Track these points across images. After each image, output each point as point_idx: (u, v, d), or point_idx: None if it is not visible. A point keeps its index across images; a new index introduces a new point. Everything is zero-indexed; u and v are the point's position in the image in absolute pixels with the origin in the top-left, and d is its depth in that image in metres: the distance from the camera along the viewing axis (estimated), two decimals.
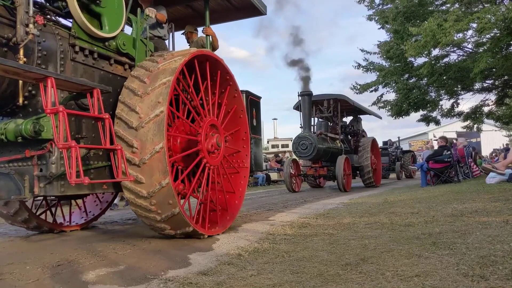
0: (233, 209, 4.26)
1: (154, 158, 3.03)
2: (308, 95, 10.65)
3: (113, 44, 3.45)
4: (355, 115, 13.69)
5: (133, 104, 3.18)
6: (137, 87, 3.26)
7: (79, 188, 3.04)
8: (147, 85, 3.23)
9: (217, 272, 2.34)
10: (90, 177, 3.07)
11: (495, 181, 7.60)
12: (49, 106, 2.49)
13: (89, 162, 3.15)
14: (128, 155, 3.09)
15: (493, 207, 4.23)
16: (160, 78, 3.24)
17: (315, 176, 11.46)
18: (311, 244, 3.04)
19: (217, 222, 3.89)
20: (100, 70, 3.36)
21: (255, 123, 5.33)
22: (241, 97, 4.46)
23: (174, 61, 3.39)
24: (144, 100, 3.17)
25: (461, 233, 2.96)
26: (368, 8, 15.96)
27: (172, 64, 3.36)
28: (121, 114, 3.20)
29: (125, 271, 2.47)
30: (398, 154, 18.45)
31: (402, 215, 4.33)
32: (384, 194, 8.26)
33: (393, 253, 2.52)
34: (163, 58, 3.47)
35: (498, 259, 2.12)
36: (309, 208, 6.02)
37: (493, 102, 16.88)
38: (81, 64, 3.17)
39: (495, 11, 10.27)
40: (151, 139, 3.06)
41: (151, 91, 3.18)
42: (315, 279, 2.09)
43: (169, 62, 3.38)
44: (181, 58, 3.42)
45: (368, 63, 16.73)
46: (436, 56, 14.53)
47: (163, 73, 3.29)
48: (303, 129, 10.57)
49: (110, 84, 3.35)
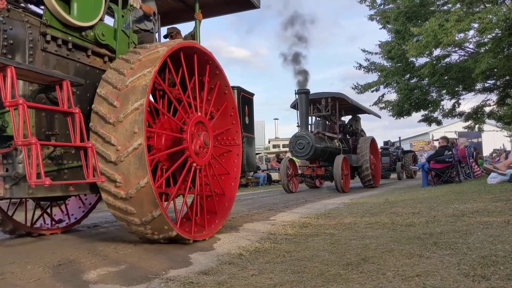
0: (222, 211, 3.99)
1: (133, 155, 2.80)
2: (305, 93, 10.40)
3: (91, 34, 3.20)
4: (354, 114, 13.47)
5: (111, 98, 2.95)
6: (116, 81, 3.01)
7: (51, 189, 2.80)
8: (127, 79, 2.99)
9: (218, 272, 2.34)
10: (64, 178, 2.88)
11: (496, 181, 7.60)
12: (8, 98, 2.27)
13: (62, 162, 2.92)
14: (104, 150, 2.86)
15: (494, 207, 4.22)
16: (141, 70, 3.00)
17: (312, 176, 11.25)
18: (312, 244, 3.04)
19: (205, 226, 3.65)
20: (75, 62, 3.10)
21: (247, 121, 5.04)
22: (232, 93, 4.21)
23: (157, 52, 3.14)
24: (121, 93, 2.94)
25: (462, 233, 2.96)
26: (370, 8, 15.97)
27: (154, 55, 3.12)
28: (98, 109, 2.95)
29: (126, 270, 2.48)
30: (399, 154, 18.43)
31: (403, 215, 4.32)
32: (385, 194, 8.25)
33: (394, 253, 2.52)
34: (146, 50, 3.24)
35: (499, 259, 2.12)
36: (310, 208, 6.02)
37: (495, 102, 16.87)
38: (54, 54, 2.91)
39: (497, 11, 10.26)
40: (129, 135, 2.83)
41: (131, 84, 2.95)
42: (316, 279, 2.09)
43: (152, 53, 3.15)
44: (164, 49, 3.17)
45: (370, 63, 16.73)
46: (438, 56, 14.53)
47: (144, 65, 3.06)
48: (300, 128, 10.34)
49: (87, 77, 3.14)
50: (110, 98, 2.94)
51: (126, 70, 3.05)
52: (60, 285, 2.22)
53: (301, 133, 10.04)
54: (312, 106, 11.19)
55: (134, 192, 2.82)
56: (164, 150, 3.44)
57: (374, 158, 12.04)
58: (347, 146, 11.91)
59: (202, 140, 3.51)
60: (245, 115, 4.98)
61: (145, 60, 3.10)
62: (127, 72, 3.02)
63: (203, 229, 3.61)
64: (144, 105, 2.84)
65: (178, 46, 3.33)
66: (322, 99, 11.05)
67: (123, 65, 3.12)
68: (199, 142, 3.48)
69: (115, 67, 3.12)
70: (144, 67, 3.03)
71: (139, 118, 2.83)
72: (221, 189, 4.06)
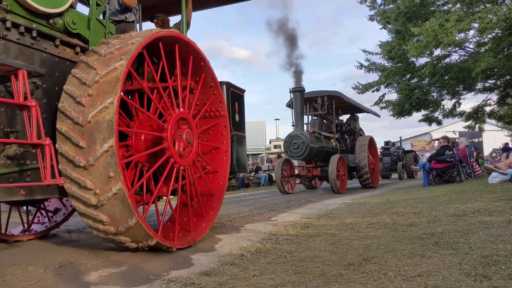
0: (210, 213, 3.72)
1: (103, 158, 2.54)
2: (300, 91, 9.96)
3: (60, 22, 2.92)
4: (352, 113, 13.16)
5: (79, 95, 2.67)
6: (85, 76, 2.73)
7: (11, 193, 2.55)
8: (97, 75, 2.70)
9: (220, 273, 2.34)
10: (26, 180, 2.62)
11: (497, 180, 7.59)
12: None
13: (24, 162, 2.65)
14: (72, 154, 2.58)
15: (495, 207, 4.22)
16: (112, 64, 2.72)
17: (308, 176, 10.95)
18: (314, 244, 3.04)
19: (190, 230, 3.39)
20: (41, 52, 2.82)
21: (237, 119, 4.66)
22: (219, 86, 3.90)
23: (132, 44, 2.85)
24: (93, 86, 2.68)
25: (463, 233, 2.96)
26: (370, 9, 15.98)
27: (128, 47, 2.83)
28: (65, 108, 2.67)
29: (127, 271, 2.48)
30: (400, 154, 18.44)
31: (404, 215, 4.32)
32: (387, 194, 8.25)
33: (396, 253, 2.52)
34: (120, 40, 2.96)
35: (500, 259, 2.12)
36: (311, 208, 6.02)
37: (495, 102, 16.87)
38: (15, 43, 2.63)
39: (497, 11, 10.27)
40: (100, 138, 2.55)
41: (101, 78, 2.69)
42: (318, 279, 2.09)
43: (125, 44, 2.86)
44: (139, 40, 2.86)
45: (370, 63, 16.74)
46: (438, 56, 14.54)
47: (117, 58, 2.76)
48: (295, 127, 9.92)
49: (55, 69, 2.87)
50: (78, 96, 2.66)
51: (96, 64, 2.76)
52: (61, 286, 2.22)
53: (296, 132, 9.70)
54: (308, 105, 10.88)
55: (106, 200, 2.54)
56: (145, 150, 3.16)
57: (373, 158, 11.79)
58: (345, 145, 11.60)
59: (185, 139, 3.22)
60: (235, 112, 4.61)
61: (118, 53, 2.80)
62: (98, 66, 2.73)
63: (188, 234, 3.35)
64: (116, 98, 2.57)
65: (155, 36, 3.02)
66: (318, 97, 10.74)
67: (93, 59, 2.82)
68: (182, 143, 3.20)
69: (85, 60, 2.83)
70: (116, 60, 2.73)
71: (110, 121, 2.56)
72: (208, 189, 3.76)
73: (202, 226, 3.55)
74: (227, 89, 4.42)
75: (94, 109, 2.58)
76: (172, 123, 3.13)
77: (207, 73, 3.75)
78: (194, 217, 3.56)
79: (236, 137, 4.46)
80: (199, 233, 3.41)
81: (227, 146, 3.99)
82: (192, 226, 3.44)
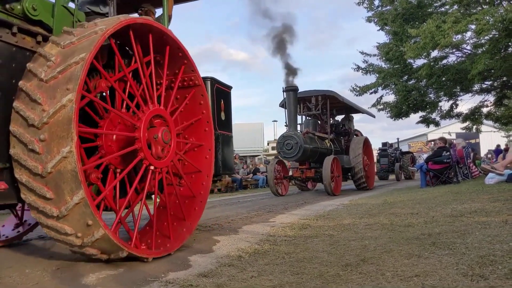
0: (191, 218, 3.37)
1: (62, 165, 2.25)
2: (293, 90, 9.59)
3: (18, 7, 2.66)
4: (347, 114, 12.73)
5: (34, 93, 2.36)
6: (31, 114, 2.34)
7: None
8: (54, 69, 2.38)
9: (218, 274, 2.34)
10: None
11: (494, 181, 7.62)
12: None
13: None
14: (29, 162, 2.30)
15: (492, 207, 4.24)
16: (73, 56, 2.38)
17: (302, 178, 10.52)
18: (312, 245, 3.04)
19: (170, 237, 3.06)
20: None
21: (223, 117, 4.31)
22: (200, 79, 3.54)
23: (94, 33, 2.50)
24: (44, 86, 2.38)
25: (460, 233, 2.97)
26: (368, 10, 16.05)
27: (91, 37, 2.49)
28: (19, 156, 2.34)
29: (124, 273, 2.47)
30: (397, 155, 18.49)
31: (401, 216, 4.33)
32: (384, 195, 8.26)
33: (393, 253, 2.53)
34: (83, 29, 2.62)
35: (497, 259, 2.13)
36: (309, 210, 6.02)
37: (492, 103, 16.96)
38: None
39: (494, 13, 10.32)
40: (68, 189, 2.26)
41: (59, 74, 2.37)
42: (316, 280, 2.09)
43: (88, 33, 2.51)
44: (103, 29, 2.50)
45: (368, 65, 16.81)
46: (435, 57, 14.60)
47: (78, 50, 2.43)
48: (288, 127, 9.59)
49: (13, 60, 2.57)
50: (29, 143, 2.32)
51: (54, 57, 2.44)
52: None
53: (289, 132, 9.38)
54: (302, 105, 10.60)
55: (67, 210, 2.28)
56: (118, 151, 2.83)
57: (368, 159, 11.48)
58: (339, 146, 11.24)
59: (161, 138, 2.87)
60: (220, 110, 4.27)
61: (78, 44, 2.47)
62: (43, 99, 2.34)
63: (167, 241, 3.04)
64: (74, 144, 2.23)
65: (123, 23, 2.66)
66: (312, 97, 10.42)
67: (51, 51, 2.50)
68: (158, 144, 2.87)
69: (43, 53, 2.51)
70: (77, 52, 2.40)
71: (69, 117, 2.24)
72: (190, 190, 3.44)
73: (183, 231, 3.22)
74: (211, 85, 4.10)
75: (52, 159, 2.25)
76: (146, 121, 2.79)
77: (187, 66, 3.39)
78: (174, 221, 3.27)
79: (221, 137, 4.17)
80: (179, 239, 3.08)
81: (210, 143, 3.65)
82: (172, 231, 3.10)
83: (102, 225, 2.34)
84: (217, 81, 4.24)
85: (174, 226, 3.22)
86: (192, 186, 3.47)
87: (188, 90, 3.54)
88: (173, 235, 3.09)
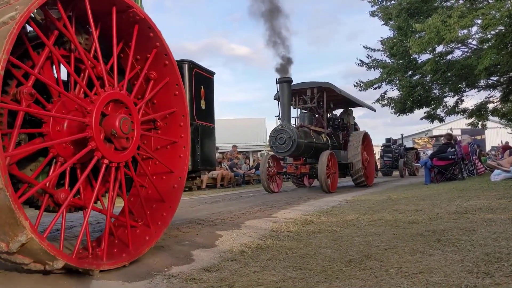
0: (158, 225, 2.87)
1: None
2: (286, 82, 9.03)
3: None
4: (346, 107, 12.01)
5: None
6: None
7: None
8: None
9: (220, 268, 2.34)
10: None
11: (500, 178, 7.57)
12: None
13: None
14: None
15: (498, 204, 4.21)
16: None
17: (296, 174, 10.00)
18: (315, 241, 3.03)
19: (128, 245, 2.59)
20: None
21: (204, 106, 3.83)
22: (175, 65, 3.01)
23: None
24: None
25: (465, 230, 2.95)
26: (372, 5, 15.92)
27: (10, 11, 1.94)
28: None
29: (128, 267, 2.47)
30: (401, 151, 18.41)
31: (405, 212, 4.31)
32: (388, 191, 8.24)
33: (397, 250, 2.51)
34: None
35: (503, 256, 2.11)
36: (312, 205, 6.02)
37: (498, 99, 16.82)
38: None
39: (500, 7, 10.19)
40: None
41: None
42: (319, 276, 2.08)
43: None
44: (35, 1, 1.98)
45: (372, 60, 16.70)
46: (440, 53, 14.48)
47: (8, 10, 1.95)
48: (282, 121, 9.00)
49: None
50: None
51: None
52: (62, 281, 2.22)
53: (282, 126, 8.81)
54: (298, 98, 9.94)
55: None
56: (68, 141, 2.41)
57: (368, 155, 10.96)
58: (337, 141, 10.56)
59: (119, 127, 2.41)
60: (200, 98, 3.80)
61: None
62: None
63: (125, 250, 2.59)
64: None
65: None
66: (308, 89, 9.75)
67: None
68: (118, 136, 2.41)
69: None
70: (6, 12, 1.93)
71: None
72: (158, 193, 2.94)
73: (146, 239, 2.75)
74: (189, 69, 3.60)
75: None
76: (99, 105, 2.35)
77: (160, 48, 2.87)
78: (138, 228, 2.85)
79: (201, 128, 3.70)
80: (140, 249, 2.61)
81: (185, 140, 3.14)
82: (131, 239, 2.64)
83: (27, 225, 1.87)
84: (196, 65, 3.72)
85: (136, 233, 2.79)
86: (161, 189, 2.96)
87: (162, 77, 2.99)
88: (133, 243, 2.63)
